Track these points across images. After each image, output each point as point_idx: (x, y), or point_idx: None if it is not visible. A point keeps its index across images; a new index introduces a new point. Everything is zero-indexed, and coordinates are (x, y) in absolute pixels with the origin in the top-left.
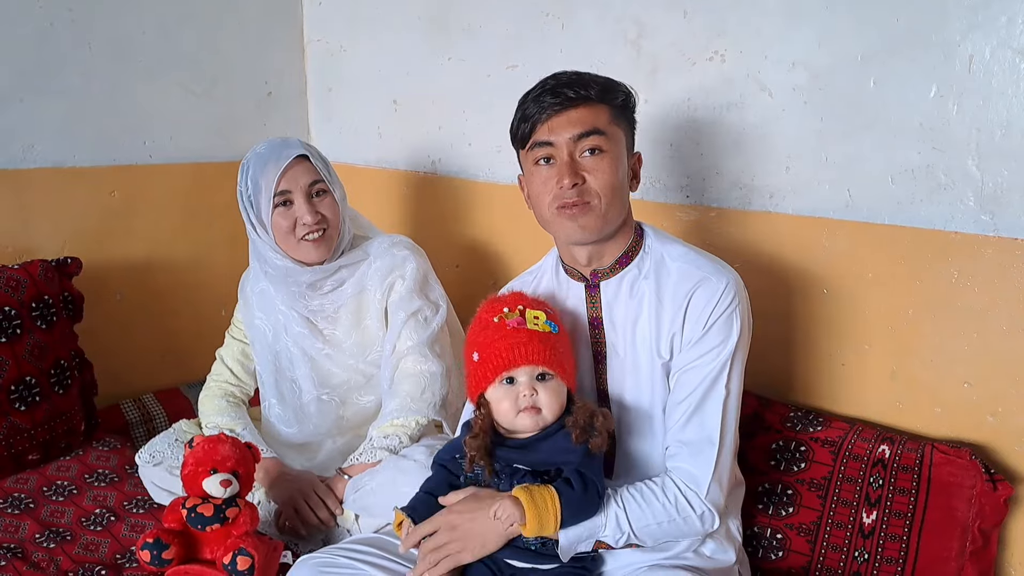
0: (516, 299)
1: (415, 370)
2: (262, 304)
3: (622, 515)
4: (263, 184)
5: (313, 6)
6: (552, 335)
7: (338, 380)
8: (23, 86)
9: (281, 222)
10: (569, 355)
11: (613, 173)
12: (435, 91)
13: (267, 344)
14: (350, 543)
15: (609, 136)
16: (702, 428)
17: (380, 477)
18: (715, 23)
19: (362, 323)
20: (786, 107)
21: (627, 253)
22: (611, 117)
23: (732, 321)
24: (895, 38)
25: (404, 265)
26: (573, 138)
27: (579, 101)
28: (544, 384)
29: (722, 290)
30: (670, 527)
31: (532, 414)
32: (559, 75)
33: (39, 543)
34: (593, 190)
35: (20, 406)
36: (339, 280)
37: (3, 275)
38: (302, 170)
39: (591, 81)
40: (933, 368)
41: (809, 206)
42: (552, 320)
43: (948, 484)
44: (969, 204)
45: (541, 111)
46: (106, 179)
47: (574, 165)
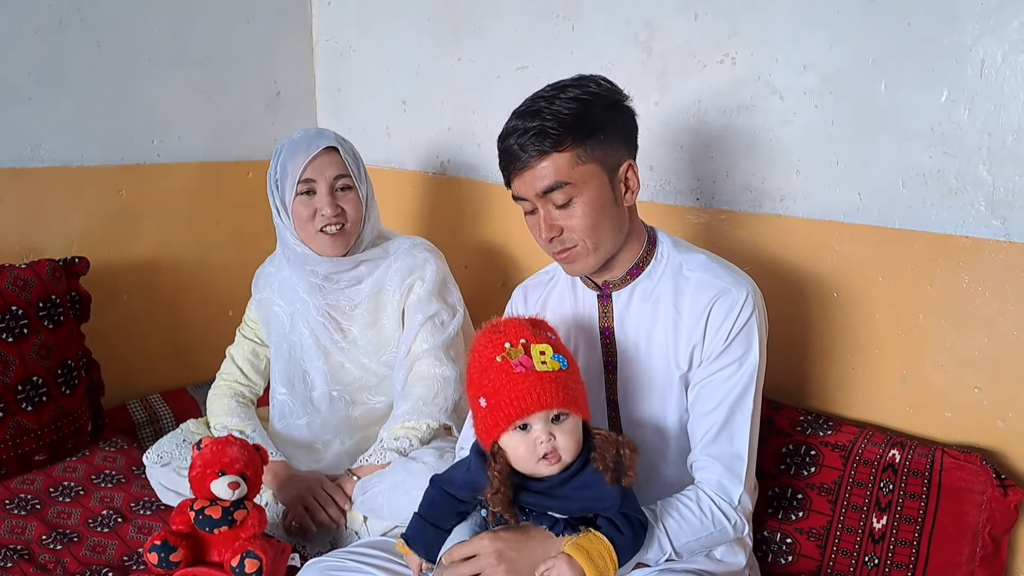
0: (518, 330)
1: (429, 373)
2: (283, 291)
3: (664, 538)
4: (290, 170)
5: (322, 6)
6: (562, 372)
7: (350, 377)
8: (32, 84)
9: (301, 210)
10: (581, 386)
11: (587, 215)
12: (444, 92)
13: (283, 333)
14: (358, 546)
15: (575, 182)
16: (731, 443)
17: (389, 479)
18: (726, 25)
19: (379, 322)
20: (797, 110)
21: (638, 264)
22: (575, 159)
23: (752, 333)
24: (906, 42)
25: (424, 267)
26: (539, 194)
27: (538, 155)
28: (560, 426)
29: (743, 302)
30: (707, 540)
31: (551, 461)
32: (524, 114)
33: (46, 544)
34: (572, 237)
35: (27, 406)
36: (357, 277)
37: (10, 274)
38: (329, 161)
39: (551, 125)
40: (943, 373)
41: (819, 209)
42: (560, 353)
43: (958, 489)
44: (980, 208)
45: (508, 167)
46: (114, 178)
47: (549, 218)
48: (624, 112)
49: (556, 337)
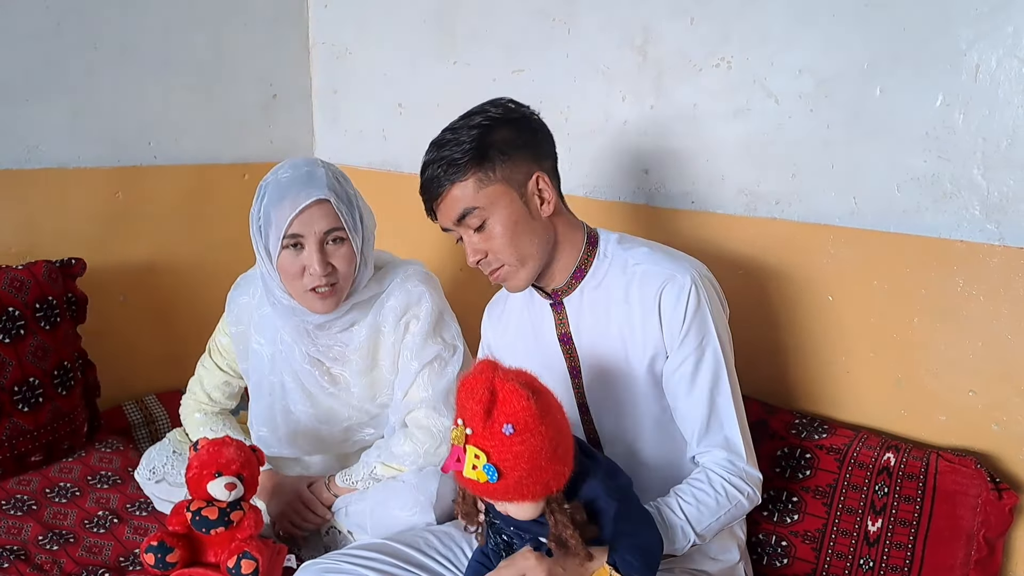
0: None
1: (427, 423)
2: (263, 329)
3: (686, 526)
4: (275, 219)
5: (319, 9)
6: (490, 486)
7: (340, 417)
8: (28, 86)
9: (288, 266)
10: (531, 481)
11: (504, 235)
12: (440, 95)
13: (263, 373)
14: (354, 548)
15: (484, 205)
16: (722, 428)
17: (371, 499)
18: (721, 29)
19: (375, 367)
20: (792, 114)
21: (580, 267)
22: (479, 184)
23: (705, 313)
24: (901, 47)
25: (420, 304)
26: (455, 222)
27: (443, 188)
28: (510, 504)
29: (688, 286)
30: (726, 517)
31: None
32: (435, 143)
33: (42, 545)
34: (496, 257)
35: (23, 407)
36: (350, 321)
37: (7, 276)
38: (320, 214)
39: (453, 156)
40: (938, 376)
41: (815, 213)
42: (494, 461)
43: (953, 493)
44: (975, 213)
45: (427, 197)
46: (111, 180)
47: (471, 243)
48: (527, 127)
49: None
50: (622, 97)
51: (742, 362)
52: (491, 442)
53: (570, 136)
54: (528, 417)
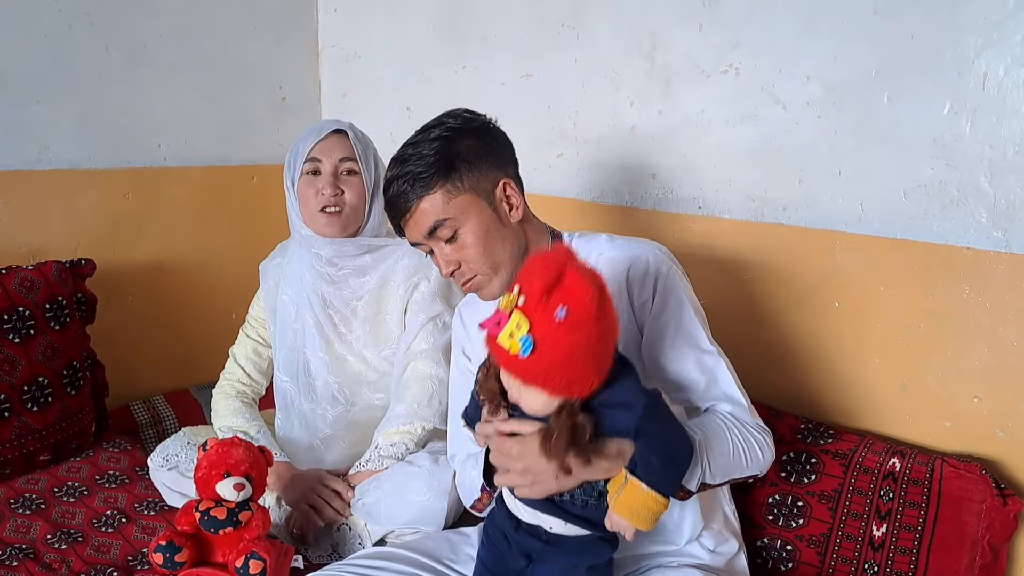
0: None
1: (424, 374)
2: (290, 280)
3: (703, 452)
4: (300, 149)
5: (328, 13)
6: (517, 359)
7: (351, 371)
8: (40, 88)
9: (305, 189)
10: (560, 371)
11: (476, 244)
12: (449, 99)
13: (288, 321)
14: (356, 558)
15: (454, 215)
16: (718, 385)
17: (386, 485)
18: (730, 36)
19: (379, 315)
20: (800, 120)
21: None
22: (447, 194)
23: (673, 283)
24: (910, 54)
25: (431, 267)
26: (426, 236)
27: (411, 203)
28: (525, 387)
29: (649, 261)
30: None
31: (517, 402)
32: (396, 159)
33: (51, 544)
34: (470, 267)
35: (32, 406)
36: (362, 268)
37: (18, 276)
38: (338, 144)
39: (416, 169)
40: (943, 382)
41: (822, 219)
42: (535, 334)
43: (958, 498)
44: (981, 220)
45: (394, 215)
46: (120, 181)
47: (443, 255)
48: (488, 135)
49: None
50: (630, 102)
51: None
52: (539, 316)
53: (577, 141)
54: (584, 310)
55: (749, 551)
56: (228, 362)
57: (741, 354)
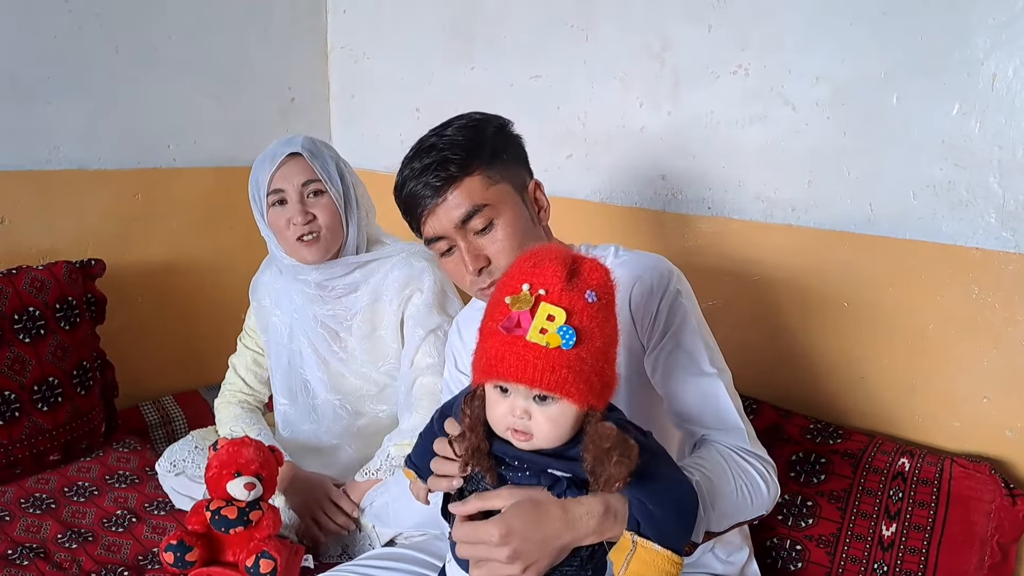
0: (548, 274)
1: (435, 388)
2: (280, 301)
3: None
4: (260, 180)
5: (337, 13)
6: (560, 353)
7: (351, 387)
8: (50, 88)
9: (276, 220)
10: (598, 368)
11: (511, 235)
12: (458, 100)
13: (283, 343)
14: (365, 559)
15: (493, 203)
16: (717, 413)
17: (394, 489)
18: (739, 37)
19: (376, 332)
20: (809, 121)
21: None
22: (486, 179)
23: (678, 302)
24: (918, 55)
25: (422, 277)
26: (457, 225)
27: (446, 185)
28: (543, 407)
29: (655, 279)
30: (741, 496)
31: (519, 438)
32: (420, 153)
33: (61, 543)
34: (501, 264)
35: (43, 406)
36: (352, 285)
37: (28, 276)
38: (297, 169)
39: (450, 152)
40: (952, 383)
41: (830, 220)
42: (575, 323)
43: (967, 498)
44: (990, 221)
45: (418, 207)
46: (130, 182)
47: (473, 248)
48: (514, 136)
49: (585, 307)
50: (639, 103)
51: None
52: (573, 303)
53: (587, 142)
54: (611, 292)
55: (758, 551)
56: (228, 372)
57: (750, 355)
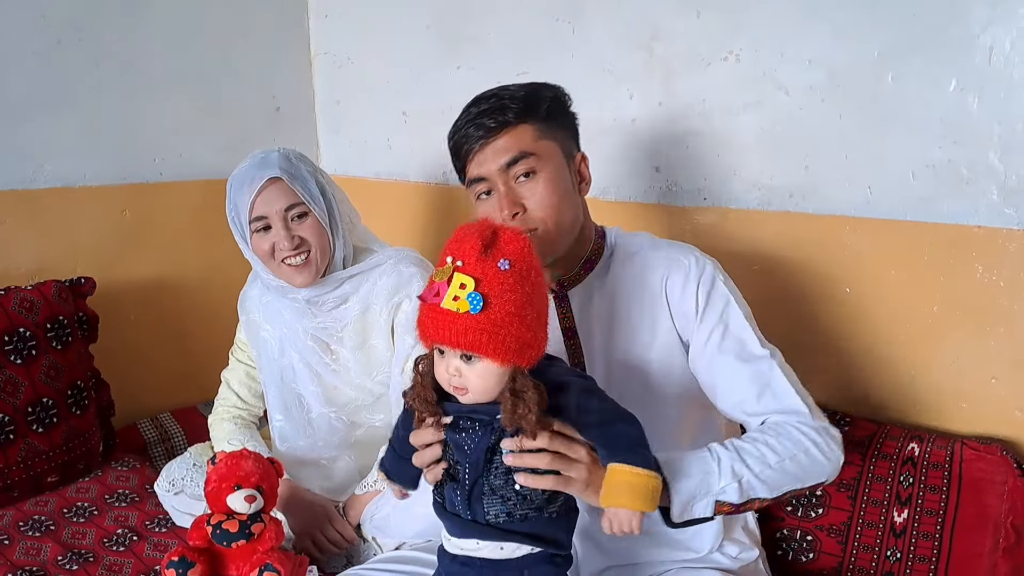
0: (464, 246)
1: None
2: (268, 316)
3: (736, 460)
4: (240, 208)
5: (319, 19)
6: (469, 317)
7: (345, 398)
8: (32, 105)
9: (261, 245)
10: (510, 329)
11: (552, 191)
12: (445, 101)
13: (273, 358)
14: (373, 563)
15: (539, 155)
16: (774, 396)
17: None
18: (729, 23)
19: (367, 343)
20: (803, 106)
21: (591, 258)
22: (537, 134)
23: (718, 289)
24: (913, 33)
25: (411, 283)
26: (502, 168)
27: (500, 128)
28: (470, 365)
29: (691, 266)
30: (794, 465)
31: (458, 393)
32: (479, 99)
33: (62, 565)
34: (536, 215)
35: (38, 428)
36: (342, 297)
37: (17, 296)
38: (277, 193)
39: (510, 101)
40: (959, 364)
41: (829, 205)
42: (483, 290)
43: (979, 480)
44: (992, 198)
45: (467, 145)
46: (117, 198)
47: (511, 194)
48: (569, 107)
49: (511, 265)
50: (630, 95)
51: None
52: (483, 272)
53: None
54: (526, 260)
55: (769, 543)
56: (221, 387)
57: None
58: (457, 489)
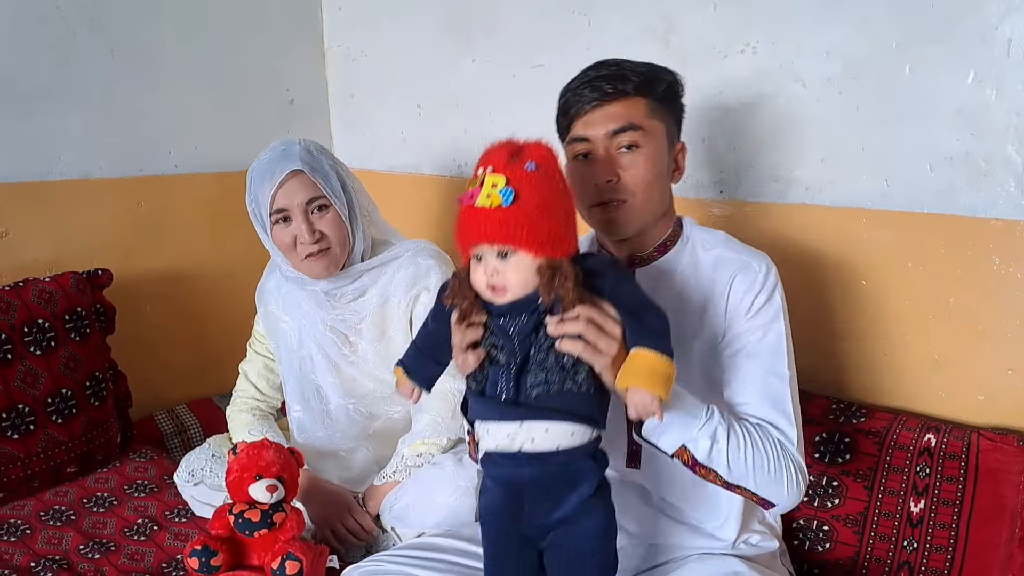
0: (493, 156)
1: (443, 388)
2: (287, 306)
3: (721, 429)
4: (261, 200)
5: (333, 12)
6: (502, 210)
7: (364, 390)
8: (47, 98)
9: (282, 238)
10: (541, 221)
11: (650, 169)
12: (459, 93)
13: (292, 349)
14: (396, 549)
15: (647, 131)
16: (773, 408)
17: (413, 491)
18: (745, 14)
19: (386, 335)
20: (820, 98)
21: (666, 242)
22: (649, 111)
23: (776, 303)
24: (930, 24)
25: (429, 275)
26: (609, 134)
27: (616, 95)
28: (506, 262)
29: (764, 274)
30: (762, 472)
31: (496, 295)
32: (601, 65)
33: (83, 554)
34: (628, 187)
35: (57, 419)
36: (360, 289)
37: (35, 288)
38: (299, 185)
39: (631, 72)
40: (975, 356)
41: (846, 197)
42: (513, 185)
43: (996, 471)
44: (1010, 190)
45: (579, 105)
46: (132, 190)
47: (610, 161)
48: (682, 96)
49: (537, 166)
50: None
51: None
52: (512, 172)
53: None
54: (550, 163)
55: (786, 533)
56: (239, 379)
57: None
58: (502, 370)
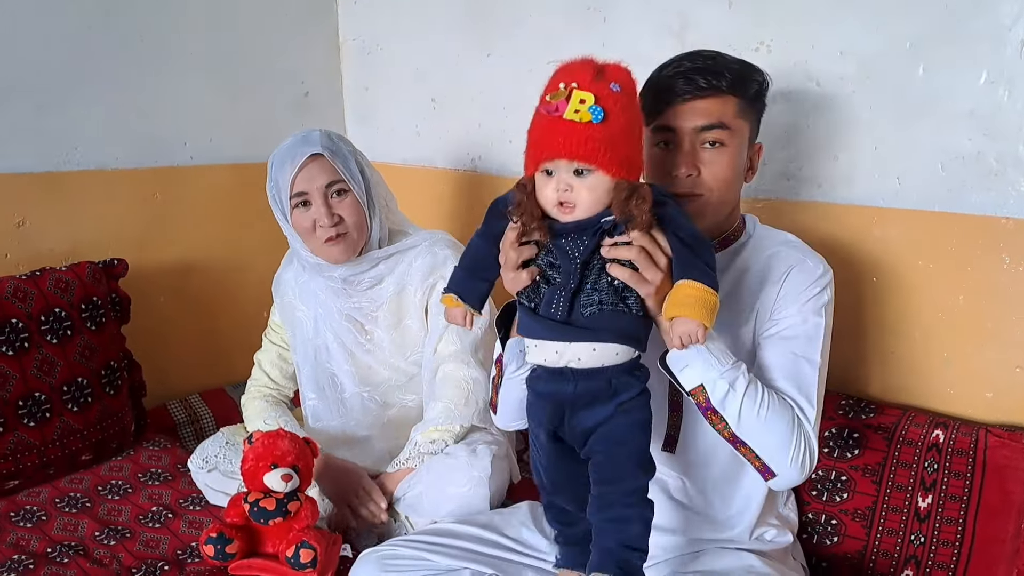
0: (576, 72)
1: (457, 376)
2: (303, 296)
3: (742, 382)
4: (282, 184)
5: (348, 5)
6: (591, 126)
7: (380, 378)
8: (64, 89)
9: (301, 222)
10: (623, 143)
11: (730, 168)
12: (474, 88)
13: (307, 338)
14: (412, 535)
15: (733, 130)
16: (798, 390)
17: (427, 479)
18: (760, 13)
19: (402, 323)
20: (834, 96)
21: (729, 236)
22: (738, 110)
23: (823, 299)
24: (944, 25)
25: (445, 265)
26: (696, 128)
27: (709, 91)
28: (581, 179)
29: (820, 273)
30: (770, 435)
31: (564, 211)
32: (696, 56)
33: (99, 540)
34: (707, 183)
35: (73, 407)
36: (377, 277)
37: (52, 277)
38: (319, 169)
39: (725, 69)
40: (984, 354)
41: (858, 195)
42: (602, 104)
43: (1003, 467)
44: (1020, 189)
45: (670, 95)
46: (148, 181)
47: (693, 155)
48: (765, 97)
49: (614, 92)
50: None
51: None
52: (599, 90)
53: None
54: (632, 85)
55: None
56: (254, 368)
57: None
58: (558, 291)
